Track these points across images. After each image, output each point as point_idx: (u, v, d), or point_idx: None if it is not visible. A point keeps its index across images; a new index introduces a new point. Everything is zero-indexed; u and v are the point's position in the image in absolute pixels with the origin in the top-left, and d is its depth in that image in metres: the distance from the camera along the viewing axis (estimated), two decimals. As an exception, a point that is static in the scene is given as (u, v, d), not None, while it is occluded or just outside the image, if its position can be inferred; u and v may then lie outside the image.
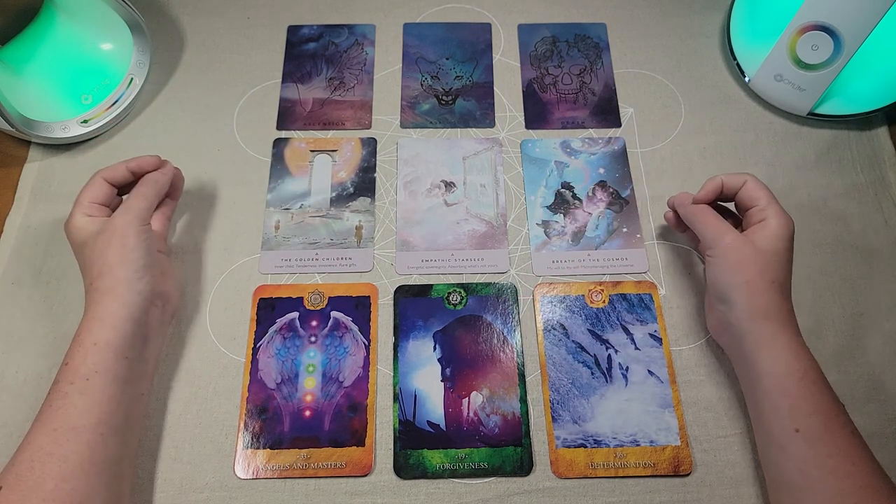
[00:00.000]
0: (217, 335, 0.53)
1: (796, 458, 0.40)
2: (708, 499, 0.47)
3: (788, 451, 0.41)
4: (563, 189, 0.59)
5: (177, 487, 0.47)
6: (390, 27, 0.69)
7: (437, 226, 0.58)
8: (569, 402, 0.50)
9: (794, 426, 0.41)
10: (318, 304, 0.54)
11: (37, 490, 0.39)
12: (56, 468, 0.40)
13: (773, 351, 0.43)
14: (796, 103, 0.61)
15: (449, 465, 0.48)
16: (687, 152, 0.61)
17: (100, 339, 0.44)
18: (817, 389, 0.42)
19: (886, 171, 0.60)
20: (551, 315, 0.53)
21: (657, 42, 0.68)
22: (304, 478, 0.47)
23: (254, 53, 0.67)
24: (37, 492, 0.39)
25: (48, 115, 0.59)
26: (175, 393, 0.50)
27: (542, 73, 0.66)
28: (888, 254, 0.56)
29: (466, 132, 0.63)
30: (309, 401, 0.50)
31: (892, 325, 0.53)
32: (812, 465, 0.40)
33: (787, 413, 0.41)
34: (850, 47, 0.55)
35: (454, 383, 0.51)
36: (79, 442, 0.41)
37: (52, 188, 0.59)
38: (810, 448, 0.40)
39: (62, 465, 0.40)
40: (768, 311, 0.44)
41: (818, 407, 0.41)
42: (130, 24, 0.61)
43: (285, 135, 0.62)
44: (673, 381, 0.51)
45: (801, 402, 0.41)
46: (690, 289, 0.55)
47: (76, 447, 0.40)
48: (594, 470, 0.48)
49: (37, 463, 0.40)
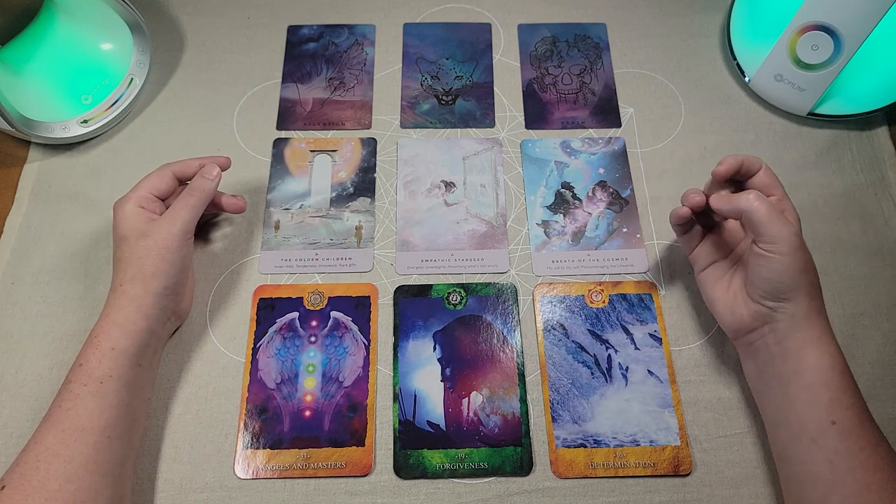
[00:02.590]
0: (217, 335, 0.53)
1: (828, 451, 0.40)
2: (708, 499, 0.47)
3: (820, 444, 0.41)
4: (563, 189, 0.59)
5: (177, 487, 0.47)
6: (390, 27, 0.69)
7: (437, 226, 0.58)
8: (569, 402, 0.50)
9: (831, 418, 0.41)
10: (318, 304, 0.54)
11: (41, 490, 0.39)
12: (61, 468, 0.40)
13: (821, 346, 0.43)
14: (796, 103, 0.61)
15: (449, 465, 0.48)
16: (687, 152, 0.61)
17: (118, 344, 0.44)
18: (854, 385, 0.42)
19: (886, 171, 0.60)
20: (551, 315, 0.53)
21: (657, 42, 0.68)
22: (303, 478, 0.47)
23: (254, 53, 0.67)
24: (41, 491, 0.39)
25: (48, 115, 0.59)
26: (175, 393, 0.50)
27: (542, 73, 0.66)
28: (888, 254, 0.56)
29: (466, 132, 0.63)
30: (309, 401, 0.50)
31: (892, 325, 0.53)
32: (843, 458, 0.40)
33: (826, 405, 0.41)
34: (850, 47, 0.55)
35: (454, 383, 0.51)
36: (86, 443, 0.41)
37: (52, 188, 0.59)
38: (843, 441, 0.40)
39: (68, 465, 0.40)
40: (819, 310, 0.44)
41: (854, 400, 0.42)
42: (130, 24, 0.61)
43: (285, 135, 0.62)
44: (673, 381, 0.51)
45: (842, 395, 0.41)
46: (690, 289, 0.55)
47: (83, 448, 0.41)
48: (594, 470, 0.48)
49: (42, 462, 0.40)
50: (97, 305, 0.53)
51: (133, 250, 0.46)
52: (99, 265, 0.55)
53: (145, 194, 0.49)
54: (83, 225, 0.57)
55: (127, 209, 0.48)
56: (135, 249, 0.46)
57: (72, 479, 0.40)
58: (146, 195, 0.49)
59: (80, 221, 0.57)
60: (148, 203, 0.49)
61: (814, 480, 0.41)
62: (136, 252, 0.46)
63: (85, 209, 0.58)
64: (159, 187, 0.50)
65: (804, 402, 0.42)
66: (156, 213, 0.49)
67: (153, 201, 0.49)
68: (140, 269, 0.46)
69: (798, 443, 0.42)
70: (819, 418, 0.41)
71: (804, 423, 0.42)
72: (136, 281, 0.46)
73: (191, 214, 0.48)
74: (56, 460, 0.40)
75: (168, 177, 0.50)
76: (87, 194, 0.59)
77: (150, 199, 0.49)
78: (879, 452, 0.40)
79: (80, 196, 0.59)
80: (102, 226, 0.57)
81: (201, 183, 0.50)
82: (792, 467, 0.43)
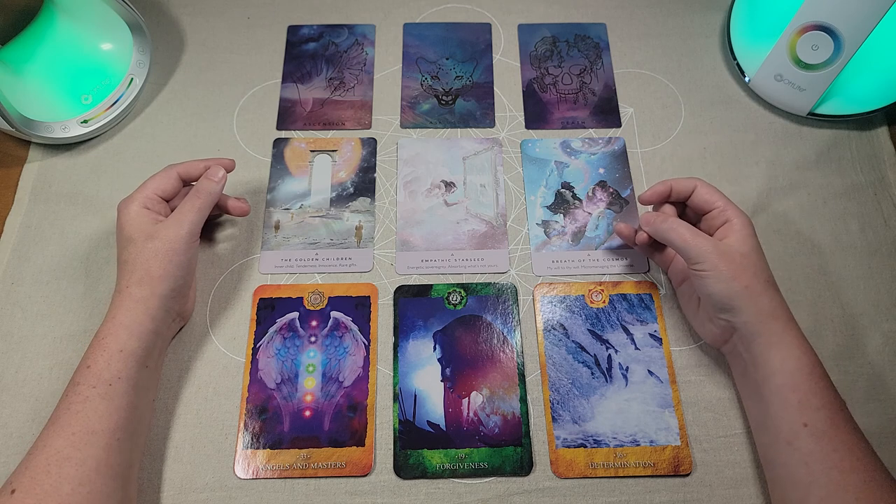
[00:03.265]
0: (217, 335, 0.53)
1: (802, 453, 0.40)
2: (708, 499, 0.47)
3: (795, 446, 0.41)
4: (563, 189, 0.59)
5: (177, 487, 0.47)
6: (390, 27, 0.69)
7: (437, 226, 0.58)
8: (569, 402, 0.50)
9: (802, 420, 0.41)
10: (318, 304, 0.54)
11: (53, 494, 0.39)
12: (73, 471, 0.39)
13: (784, 348, 0.43)
14: (796, 103, 0.61)
15: (449, 465, 0.48)
16: (687, 152, 0.61)
17: (126, 347, 0.44)
18: (824, 385, 0.42)
19: (886, 171, 0.60)
20: (551, 315, 0.53)
21: (657, 42, 0.68)
22: (304, 478, 0.47)
23: (254, 53, 0.67)
24: (53, 495, 0.38)
25: (48, 115, 0.58)
26: (175, 393, 0.50)
27: (542, 73, 0.66)
28: (888, 254, 0.56)
29: (466, 132, 0.63)
30: (309, 401, 0.50)
31: (892, 325, 0.53)
32: (817, 460, 0.40)
33: (796, 408, 0.41)
34: (850, 47, 0.55)
35: (454, 383, 0.51)
36: (97, 446, 0.41)
37: (52, 188, 0.59)
38: (817, 442, 0.40)
39: (79, 468, 0.40)
40: (773, 311, 0.44)
41: (825, 402, 0.41)
42: (130, 24, 0.61)
43: (285, 135, 0.62)
44: (673, 381, 0.51)
45: (810, 397, 0.41)
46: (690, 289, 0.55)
47: (94, 451, 0.40)
48: (594, 470, 0.48)
49: (53, 466, 0.39)
50: (97, 305, 0.53)
51: (140, 252, 0.46)
52: (99, 265, 0.55)
53: (150, 195, 0.49)
54: (83, 225, 0.57)
55: (132, 210, 0.48)
56: (141, 251, 0.46)
57: (84, 483, 0.39)
58: (151, 196, 0.49)
59: (80, 221, 0.57)
60: (153, 204, 0.49)
61: (793, 482, 0.41)
62: (143, 254, 0.46)
63: (85, 209, 0.58)
64: (164, 188, 0.49)
65: (776, 405, 0.43)
66: (161, 215, 0.49)
67: (158, 202, 0.49)
68: (147, 272, 0.46)
69: (776, 445, 0.43)
70: (791, 420, 0.41)
71: (779, 427, 0.42)
72: (144, 283, 0.46)
73: (197, 217, 0.48)
74: (67, 463, 0.39)
75: (173, 178, 0.50)
76: (88, 194, 0.59)
77: (155, 200, 0.49)
78: (855, 453, 0.40)
79: (80, 196, 0.59)
80: (102, 226, 0.57)
81: (207, 185, 0.50)
82: (774, 470, 0.43)
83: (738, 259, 0.44)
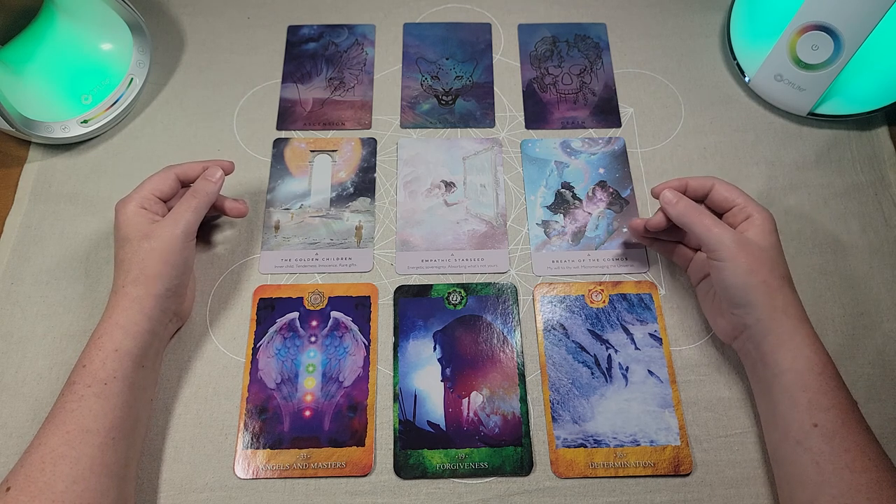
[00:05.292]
0: (217, 335, 0.53)
1: (813, 453, 0.40)
2: (708, 499, 0.47)
3: (805, 446, 0.41)
4: (563, 189, 0.59)
5: (177, 488, 0.47)
6: (390, 27, 0.69)
7: (437, 226, 0.58)
8: (569, 402, 0.50)
9: (812, 421, 0.41)
10: (318, 304, 0.54)
11: (47, 491, 0.39)
12: (67, 470, 0.39)
13: (794, 346, 0.43)
14: (796, 103, 0.61)
15: (449, 465, 0.48)
16: (687, 152, 0.61)
17: (122, 346, 0.44)
18: (835, 384, 0.42)
19: (886, 171, 0.60)
20: (551, 315, 0.53)
21: (657, 42, 0.68)
22: (304, 478, 0.47)
23: (254, 53, 0.67)
24: (47, 493, 0.39)
25: (48, 115, 0.58)
26: (175, 393, 0.50)
27: (542, 73, 0.66)
28: (888, 254, 0.56)
29: (466, 132, 0.63)
30: (309, 401, 0.50)
31: (892, 325, 0.53)
32: (828, 460, 0.40)
33: (806, 408, 0.41)
34: (850, 47, 0.55)
35: (454, 383, 0.51)
36: (91, 445, 0.41)
37: (52, 188, 0.59)
38: (827, 443, 0.40)
39: (74, 466, 0.40)
40: (787, 308, 0.44)
41: (836, 402, 0.41)
42: (130, 24, 0.61)
43: (285, 135, 0.62)
44: (673, 381, 0.51)
45: (821, 397, 0.41)
46: (690, 289, 0.55)
47: (88, 450, 0.40)
48: (594, 470, 0.48)
49: (48, 464, 0.39)
50: (97, 306, 0.53)
51: (135, 252, 0.46)
52: (99, 265, 0.55)
53: (147, 195, 0.49)
54: (83, 225, 0.57)
55: (129, 210, 0.48)
56: (137, 251, 0.46)
57: (78, 481, 0.39)
58: (148, 196, 0.49)
59: (80, 221, 0.57)
60: (150, 204, 0.49)
61: (802, 482, 0.41)
62: (139, 254, 0.46)
63: (85, 209, 0.58)
64: (162, 189, 0.50)
65: (785, 404, 0.42)
66: (158, 215, 0.49)
67: (155, 202, 0.49)
68: (142, 271, 0.46)
69: (785, 444, 0.42)
70: (801, 421, 0.41)
71: (788, 426, 0.42)
72: (139, 283, 0.46)
73: (193, 216, 0.48)
74: (62, 462, 0.40)
75: (171, 178, 0.50)
76: (87, 194, 0.59)
77: (153, 200, 0.49)
78: (867, 453, 0.40)
79: (80, 196, 0.59)
80: (102, 226, 0.57)
81: (204, 185, 0.50)
82: (782, 468, 0.43)
83: (756, 252, 0.44)
